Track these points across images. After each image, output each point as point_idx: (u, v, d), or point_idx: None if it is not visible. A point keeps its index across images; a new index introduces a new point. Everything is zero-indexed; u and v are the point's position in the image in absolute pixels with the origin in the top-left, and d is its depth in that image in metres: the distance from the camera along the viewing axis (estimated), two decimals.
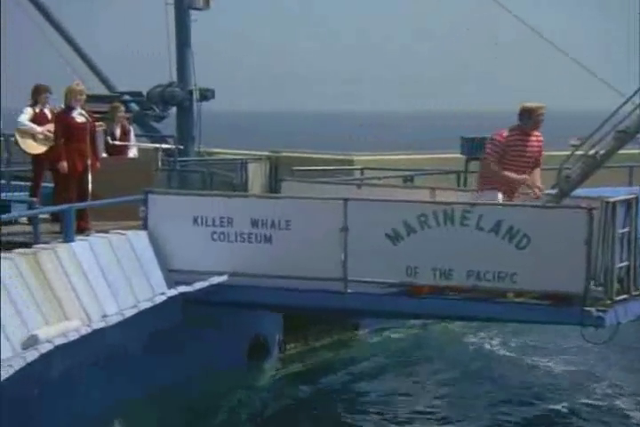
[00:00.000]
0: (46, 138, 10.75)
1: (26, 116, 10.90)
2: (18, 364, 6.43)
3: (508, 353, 11.62)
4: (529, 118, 8.84)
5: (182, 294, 8.61)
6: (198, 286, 8.69)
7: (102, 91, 16.35)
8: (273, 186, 14.94)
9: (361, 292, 8.59)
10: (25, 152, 10.94)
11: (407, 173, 13.11)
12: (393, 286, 8.58)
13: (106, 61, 17.97)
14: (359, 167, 14.39)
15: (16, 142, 10.86)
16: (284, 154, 15.99)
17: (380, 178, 12.39)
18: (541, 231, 8.09)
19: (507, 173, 8.76)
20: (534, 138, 8.95)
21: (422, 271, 8.41)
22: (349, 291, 8.63)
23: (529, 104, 8.89)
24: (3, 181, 11.80)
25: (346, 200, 8.67)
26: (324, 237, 8.62)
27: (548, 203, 8.49)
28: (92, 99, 13.00)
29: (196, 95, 16.29)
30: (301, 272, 8.67)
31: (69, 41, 16.71)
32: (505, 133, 8.85)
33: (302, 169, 13.30)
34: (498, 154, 8.77)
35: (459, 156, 13.98)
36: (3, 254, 7.75)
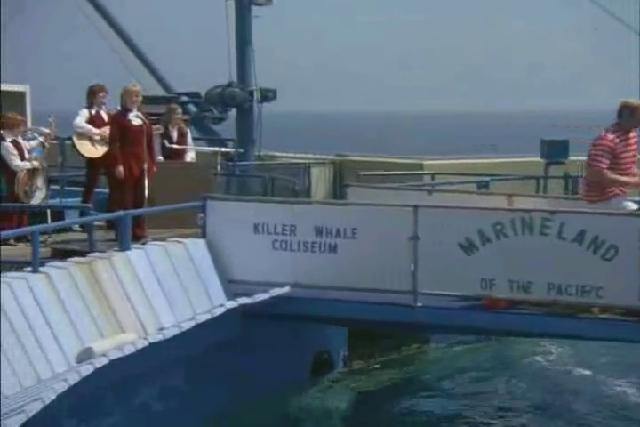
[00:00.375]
0: (104, 140, 10.94)
1: (82, 118, 11.06)
2: (73, 378, 6.56)
3: (586, 371, 11.46)
4: (631, 116, 8.61)
5: (242, 306, 8.67)
6: (259, 297, 8.74)
7: (159, 92, 16.58)
8: (337, 192, 14.98)
9: (432, 305, 8.55)
10: (82, 156, 11.13)
11: (482, 178, 13.03)
12: (466, 300, 8.53)
13: (162, 61, 18.23)
14: (430, 172, 14.36)
15: (73, 146, 11.04)
16: (350, 158, 16.02)
17: (452, 183, 12.34)
18: (630, 242, 7.96)
19: (625, 179, 8.51)
20: (632, 135, 8.76)
21: (498, 284, 8.34)
22: (419, 304, 8.60)
23: (632, 101, 8.66)
24: (56, 187, 12.03)
25: (416, 207, 8.64)
26: (392, 247, 8.61)
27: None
28: (149, 100, 13.21)
29: (256, 96, 16.44)
30: (368, 284, 8.67)
31: (126, 40, 16.99)
32: (610, 136, 8.59)
33: (369, 174, 13.32)
34: (608, 160, 8.54)
35: (538, 159, 13.85)
36: (57, 263, 7.91)
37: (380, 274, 8.63)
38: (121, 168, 10.06)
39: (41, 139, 10.75)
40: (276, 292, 8.85)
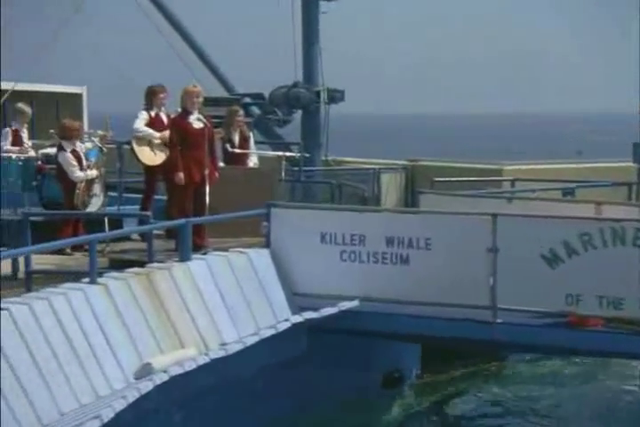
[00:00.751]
0: (164, 144, 11.03)
1: (141, 121, 11.13)
2: (132, 395, 6.65)
3: None
4: None
5: (308, 321, 8.71)
6: (326, 311, 8.77)
7: (221, 93, 16.71)
8: (410, 199, 14.94)
9: (512, 322, 8.49)
10: (141, 163, 11.24)
11: (567, 184, 12.88)
12: (550, 317, 8.44)
13: (223, 60, 18.41)
14: (510, 178, 14.23)
15: (132, 151, 11.13)
16: (423, 163, 15.97)
17: (534, 190, 12.22)
18: None
19: None
20: None
21: (586, 300, 8.24)
22: (498, 321, 8.54)
23: None
24: (114, 194, 12.19)
25: (495, 216, 8.59)
26: (469, 259, 8.57)
27: None
28: (210, 102, 13.31)
29: (323, 97, 16.46)
30: (442, 298, 8.64)
31: (186, 38, 17.16)
32: None
33: (443, 180, 13.26)
34: None
35: (630, 164, 13.64)
36: (115, 274, 8.04)
37: (455, 288, 8.59)
38: (181, 174, 10.13)
39: (96, 140, 10.93)
40: (344, 306, 8.87)
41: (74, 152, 10.65)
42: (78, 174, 10.56)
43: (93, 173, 10.65)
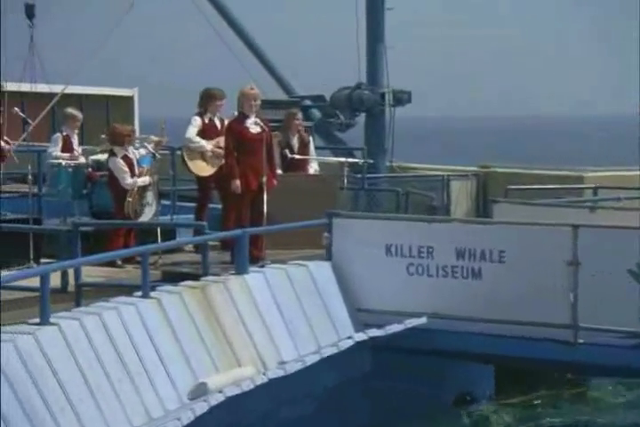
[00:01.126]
0: (217, 156, 11.08)
1: (194, 129, 11.12)
2: (186, 417, 6.70)
3: None
4: None
5: (372, 339, 8.70)
6: (391, 329, 8.75)
7: (279, 95, 16.77)
8: (482, 208, 14.85)
9: (595, 343, 8.39)
10: (193, 173, 11.32)
11: None
12: (638, 337, 8.32)
13: (282, 60, 18.46)
14: (592, 186, 14.07)
15: (183, 161, 11.24)
16: (496, 169, 15.85)
17: (619, 199, 12.07)
18: None
19: None
20: None
21: None
22: (580, 341, 8.45)
23: None
24: (168, 202, 12.31)
25: (576, 227, 8.50)
26: (547, 273, 8.49)
27: None
28: (268, 105, 13.39)
29: (388, 99, 16.44)
30: (518, 316, 8.57)
31: (242, 37, 17.24)
32: None
33: (519, 188, 13.16)
34: None
35: None
36: (169, 288, 8.11)
37: (532, 304, 8.52)
38: (237, 182, 10.19)
39: (150, 147, 10.97)
40: (411, 323, 8.84)
41: (125, 158, 10.72)
42: (129, 181, 10.64)
43: (145, 179, 10.72)
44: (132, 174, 10.70)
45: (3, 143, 10.69)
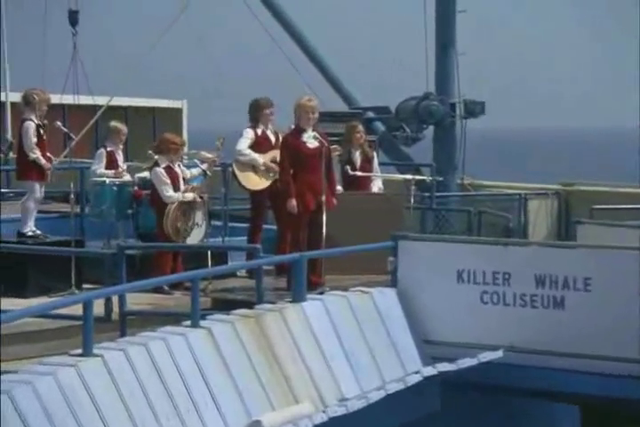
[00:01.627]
0: (269, 170, 11.15)
1: (246, 141, 11.24)
2: None
3: None
4: None
5: (442, 374, 8.67)
6: (463, 363, 8.72)
7: (340, 106, 16.82)
8: (564, 230, 14.75)
9: None
10: (244, 188, 11.40)
11: None
12: None
13: (343, 68, 18.50)
14: None
15: (234, 176, 11.30)
16: (580, 187, 15.73)
17: None
18: None
19: None
20: None
21: None
22: None
23: None
24: (218, 223, 12.37)
25: None
26: (638, 303, 8.41)
27: None
28: (327, 117, 13.47)
29: (460, 110, 16.40)
30: (605, 350, 8.49)
31: (299, 43, 17.31)
32: None
33: (606, 208, 13.04)
34: None
35: None
36: (220, 316, 8.16)
37: (620, 338, 8.44)
38: (294, 201, 10.24)
39: (204, 166, 11.04)
40: (485, 357, 8.80)
41: (169, 170, 10.75)
42: (170, 194, 10.66)
43: (189, 195, 10.74)
44: (176, 188, 10.72)
45: (44, 160, 10.81)
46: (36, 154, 10.73)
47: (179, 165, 10.98)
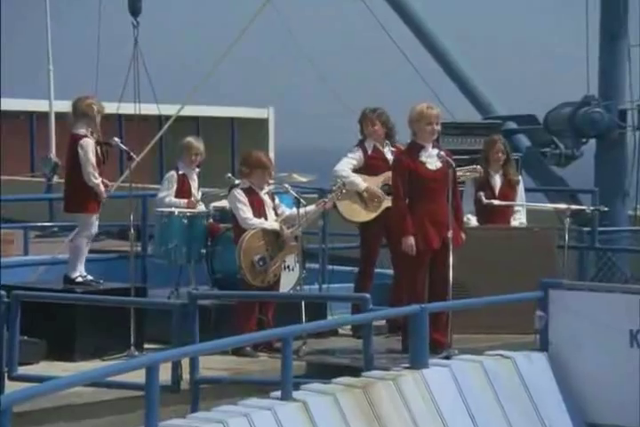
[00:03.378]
0: (373, 196, 11.18)
1: (348, 162, 11.26)
2: None
3: None
4: None
5: None
6: None
7: (471, 115, 16.78)
8: None
9: None
10: (345, 220, 11.42)
11: None
12: None
13: (476, 67, 18.45)
14: None
15: (334, 206, 11.26)
16: None
17: None
18: None
19: None
20: None
21: None
22: None
23: None
24: (316, 266, 12.38)
25: None
26: None
27: None
28: (453, 129, 13.42)
29: (633, 119, 16.14)
30: None
31: (420, 36, 17.37)
32: None
33: None
34: None
35: None
36: (317, 386, 8.22)
37: None
38: (411, 239, 10.23)
39: (293, 191, 10.91)
40: None
41: (250, 191, 10.81)
42: (248, 216, 10.64)
43: (275, 225, 10.75)
44: (260, 215, 10.73)
45: (102, 187, 10.70)
46: (98, 180, 10.64)
47: (271, 194, 10.99)
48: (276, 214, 10.99)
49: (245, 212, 10.75)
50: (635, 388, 8.98)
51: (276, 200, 11.13)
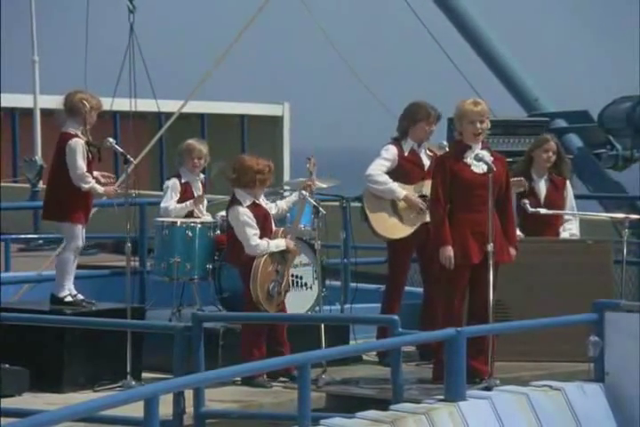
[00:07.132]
0: (413, 207, 11.10)
1: (382, 164, 11.15)
2: None
3: None
4: None
5: None
6: None
7: (516, 112, 16.81)
8: None
9: None
10: (378, 235, 11.33)
11: None
12: None
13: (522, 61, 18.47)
14: None
15: (363, 214, 11.20)
16: None
17: None
18: None
19: None
20: None
21: None
22: None
23: None
24: (336, 283, 12.34)
25: None
26: None
27: None
28: (500, 128, 13.36)
29: None
30: None
31: (462, 29, 17.42)
32: None
33: None
34: None
35: None
36: (337, 421, 8.21)
37: None
38: (449, 249, 10.21)
39: (311, 198, 10.81)
40: None
41: (255, 207, 10.71)
42: (255, 242, 10.56)
43: (281, 243, 10.67)
44: (267, 233, 10.63)
45: (104, 187, 10.62)
46: (90, 183, 10.57)
47: (266, 198, 10.91)
48: (275, 222, 10.86)
49: (253, 238, 10.59)
50: None
51: (271, 206, 10.96)
